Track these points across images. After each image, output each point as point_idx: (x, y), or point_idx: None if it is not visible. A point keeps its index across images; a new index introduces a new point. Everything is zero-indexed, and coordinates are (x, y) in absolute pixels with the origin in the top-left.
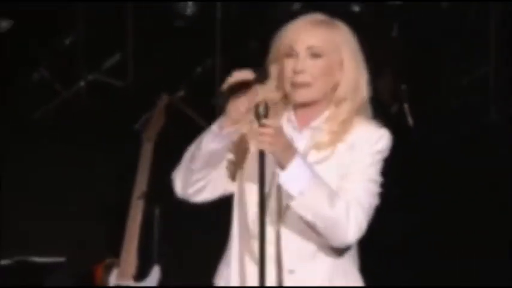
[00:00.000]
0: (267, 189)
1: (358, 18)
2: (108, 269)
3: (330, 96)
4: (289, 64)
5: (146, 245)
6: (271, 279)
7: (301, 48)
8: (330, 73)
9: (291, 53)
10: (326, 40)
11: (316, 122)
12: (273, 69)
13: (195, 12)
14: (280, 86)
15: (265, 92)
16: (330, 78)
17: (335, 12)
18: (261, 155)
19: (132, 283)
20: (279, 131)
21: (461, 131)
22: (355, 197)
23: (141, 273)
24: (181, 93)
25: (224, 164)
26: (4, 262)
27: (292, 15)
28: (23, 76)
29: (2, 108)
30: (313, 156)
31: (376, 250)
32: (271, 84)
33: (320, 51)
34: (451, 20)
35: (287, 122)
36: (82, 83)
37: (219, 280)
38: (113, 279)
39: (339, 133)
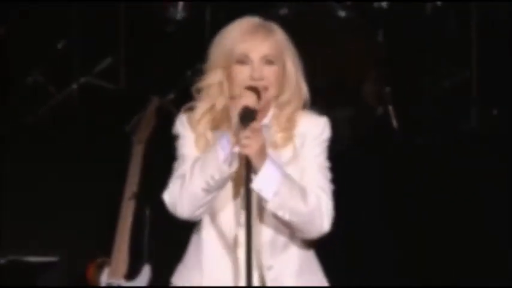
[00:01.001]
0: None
1: (344, 23)
2: (99, 268)
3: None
4: (242, 71)
5: (137, 244)
6: (254, 278)
7: (256, 56)
8: (280, 77)
9: (244, 61)
10: (276, 47)
11: (266, 121)
12: (217, 75)
13: (185, 17)
14: (226, 91)
15: (211, 98)
16: (279, 82)
17: (322, 17)
18: (247, 161)
19: (123, 282)
20: (258, 132)
21: (443, 134)
22: (319, 186)
23: (132, 273)
24: (171, 96)
25: None
26: None
27: (281, 20)
28: (18, 78)
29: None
30: (277, 158)
31: (364, 247)
32: (214, 90)
33: (273, 59)
34: (435, 24)
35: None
36: (74, 86)
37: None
38: (104, 278)
39: (288, 129)
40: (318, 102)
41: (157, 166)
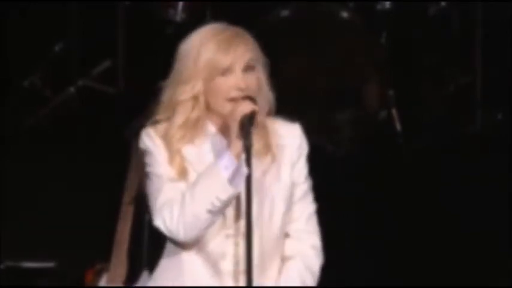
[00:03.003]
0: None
1: (347, 25)
2: (98, 274)
3: None
4: (226, 82)
5: (136, 250)
6: None
7: (239, 67)
8: (258, 84)
9: (228, 72)
10: (253, 55)
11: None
12: (195, 88)
13: (185, 19)
14: (202, 103)
15: (185, 112)
16: (259, 89)
17: (324, 18)
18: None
19: None
20: None
21: (447, 137)
22: (313, 229)
23: (131, 279)
24: None
25: None
26: None
27: (282, 22)
28: (16, 80)
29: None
30: (257, 167)
31: (364, 249)
32: (189, 103)
33: (253, 66)
34: (438, 27)
35: (217, 134)
36: (72, 89)
37: None
38: (102, 284)
39: (263, 135)
40: (319, 104)
41: None
